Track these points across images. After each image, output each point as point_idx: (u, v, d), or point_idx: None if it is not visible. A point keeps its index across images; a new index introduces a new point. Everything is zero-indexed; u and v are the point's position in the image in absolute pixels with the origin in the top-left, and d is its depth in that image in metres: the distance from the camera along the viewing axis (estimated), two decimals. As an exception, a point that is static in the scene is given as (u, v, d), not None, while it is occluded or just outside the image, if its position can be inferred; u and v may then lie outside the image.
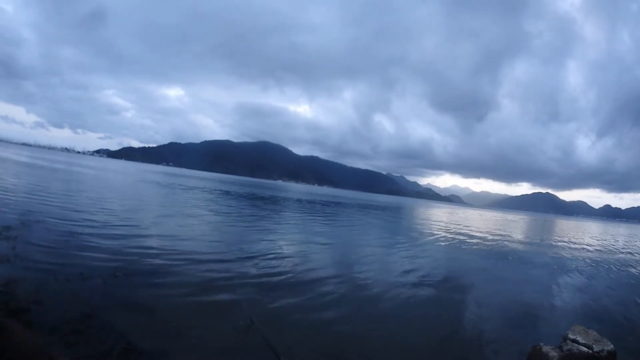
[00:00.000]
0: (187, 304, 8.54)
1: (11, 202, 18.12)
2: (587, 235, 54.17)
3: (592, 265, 22.58)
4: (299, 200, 61.07)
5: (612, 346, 6.64)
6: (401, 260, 17.60)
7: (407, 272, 15.09)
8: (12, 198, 19.27)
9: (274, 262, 13.58)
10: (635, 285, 17.75)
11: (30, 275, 8.68)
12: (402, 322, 9.47)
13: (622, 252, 33.49)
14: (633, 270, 22.65)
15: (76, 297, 7.86)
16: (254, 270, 12.07)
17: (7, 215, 15.12)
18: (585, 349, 6.52)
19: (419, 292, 12.37)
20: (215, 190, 58.30)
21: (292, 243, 18.39)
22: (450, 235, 31.38)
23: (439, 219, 55.59)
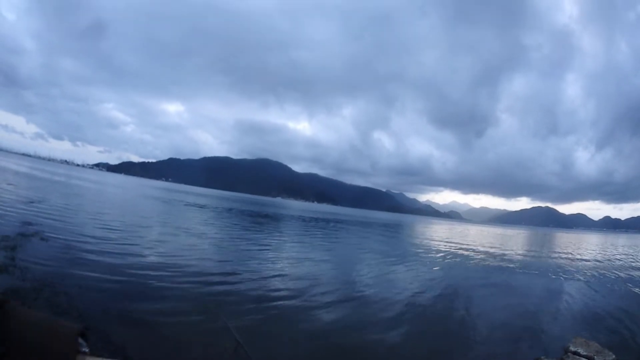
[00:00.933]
0: (184, 321, 8.48)
1: (11, 213, 18.14)
2: (586, 248, 53.99)
3: (591, 277, 22.50)
4: (301, 218, 61.07)
5: (613, 357, 6.60)
6: (403, 276, 17.63)
7: (409, 287, 15.06)
8: (12, 209, 19.25)
9: (274, 281, 13.51)
10: (636, 296, 17.68)
11: (27, 286, 8.65)
12: (404, 336, 9.43)
13: (622, 264, 33.35)
14: (633, 281, 22.58)
15: (73, 310, 7.82)
16: (254, 289, 11.95)
17: (7, 225, 15.15)
18: (586, 360, 6.49)
19: (421, 306, 12.36)
20: (216, 207, 58.30)
21: (293, 262, 18.29)
22: (451, 252, 31.39)
23: (438, 236, 55.55)
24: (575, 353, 6.70)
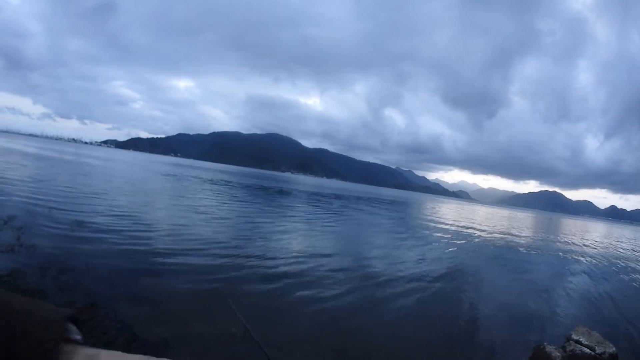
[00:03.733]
0: (191, 297, 8.57)
1: (17, 192, 18.27)
2: (593, 238, 53.81)
3: (597, 267, 22.46)
4: (319, 194, 62.03)
5: (614, 348, 6.62)
6: (409, 256, 17.57)
7: (413, 269, 14.99)
8: (19, 188, 19.42)
9: (290, 262, 13.30)
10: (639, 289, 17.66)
11: (35, 264, 8.76)
12: (406, 319, 9.47)
13: (629, 257, 33.21)
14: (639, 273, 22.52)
15: (80, 287, 7.90)
16: (267, 271, 11.79)
17: (13, 205, 15.29)
18: (587, 350, 6.50)
19: (424, 289, 12.33)
20: (230, 183, 58.10)
21: (312, 240, 18.17)
22: (458, 233, 31.26)
23: (446, 215, 55.38)
24: (577, 342, 6.71)
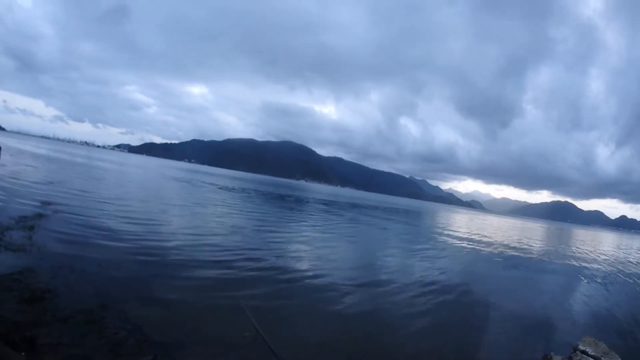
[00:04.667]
0: (202, 301, 8.60)
1: (29, 193, 18.52)
2: (605, 247, 53.19)
3: (607, 278, 22.19)
4: (335, 203, 62.75)
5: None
6: (419, 265, 17.57)
7: (424, 278, 14.94)
8: (30, 189, 19.69)
9: (299, 267, 13.39)
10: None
11: (45, 265, 8.90)
12: (415, 327, 9.43)
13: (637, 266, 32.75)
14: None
15: (91, 288, 8.02)
16: (276, 275, 11.89)
17: (25, 205, 15.46)
18: (593, 360, 6.47)
19: (434, 297, 12.29)
20: (246, 189, 58.41)
21: (325, 247, 18.36)
22: (472, 245, 30.98)
23: (461, 227, 54.97)
24: (583, 352, 6.67)
